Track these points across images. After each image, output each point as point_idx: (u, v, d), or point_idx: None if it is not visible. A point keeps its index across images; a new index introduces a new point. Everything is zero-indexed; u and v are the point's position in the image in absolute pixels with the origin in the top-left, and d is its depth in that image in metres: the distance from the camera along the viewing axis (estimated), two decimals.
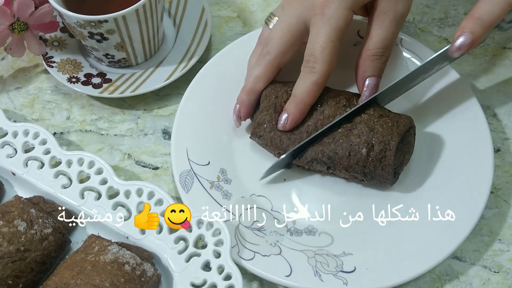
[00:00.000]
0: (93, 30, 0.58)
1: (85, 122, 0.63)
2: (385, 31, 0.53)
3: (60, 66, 0.64)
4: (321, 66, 0.52)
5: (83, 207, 0.54)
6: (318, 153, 0.53)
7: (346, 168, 0.53)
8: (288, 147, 0.55)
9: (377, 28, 0.53)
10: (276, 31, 0.55)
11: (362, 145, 0.52)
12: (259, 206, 0.55)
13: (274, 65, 0.55)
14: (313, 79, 0.52)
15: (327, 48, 0.51)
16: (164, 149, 0.61)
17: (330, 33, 0.51)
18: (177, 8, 0.69)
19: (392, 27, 0.53)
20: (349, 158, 0.52)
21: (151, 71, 0.65)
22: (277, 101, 0.55)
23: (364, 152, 0.52)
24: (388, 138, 0.52)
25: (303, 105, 0.54)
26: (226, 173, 0.57)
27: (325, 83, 0.53)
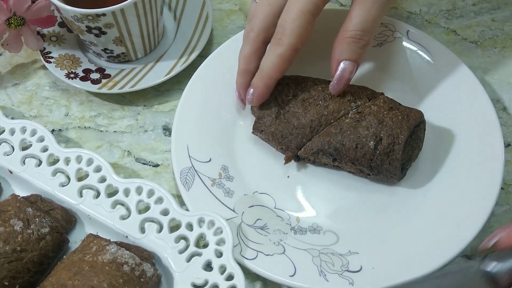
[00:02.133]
0: (91, 24, 0.57)
1: (84, 119, 0.62)
2: (366, 13, 0.48)
3: (58, 61, 0.63)
4: (288, 38, 0.49)
5: (82, 205, 0.53)
6: (325, 144, 0.52)
7: (353, 161, 0.51)
8: (291, 142, 0.53)
9: (357, 9, 0.48)
10: (258, 6, 0.52)
11: (370, 137, 0.50)
12: (262, 204, 0.54)
13: (259, 41, 0.52)
14: (279, 51, 0.50)
15: (297, 20, 0.48)
16: (164, 146, 0.60)
17: (302, 5, 0.48)
18: (177, 2, 0.68)
19: (373, 9, 0.48)
20: (356, 150, 0.51)
21: (151, 66, 0.63)
22: (278, 94, 0.54)
23: (371, 145, 0.50)
24: (397, 132, 0.50)
25: (269, 79, 0.51)
26: (228, 170, 0.56)
27: (292, 57, 0.50)
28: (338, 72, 0.50)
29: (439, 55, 0.60)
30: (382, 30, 0.62)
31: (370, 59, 0.62)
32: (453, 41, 0.66)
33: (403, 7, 0.69)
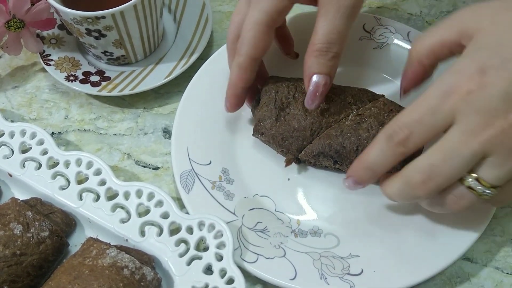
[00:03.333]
0: (90, 27, 0.56)
1: (83, 122, 0.62)
2: (330, 24, 0.47)
3: (58, 64, 0.63)
4: (244, 48, 0.50)
5: (81, 209, 0.53)
6: (325, 146, 0.51)
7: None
8: (291, 145, 0.53)
9: (321, 22, 0.47)
10: (232, 15, 0.54)
11: (371, 139, 0.50)
12: (262, 206, 0.54)
13: (233, 50, 0.53)
14: (238, 61, 0.51)
15: (251, 30, 0.49)
16: (164, 149, 0.60)
17: (256, 16, 0.49)
18: (177, 4, 0.68)
19: (337, 20, 0.47)
20: (356, 152, 0.50)
21: (150, 68, 0.63)
22: (278, 96, 0.53)
23: None
24: None
25: (235, 88, 0.53)
26: (228, 173, 0.56)
27: (252, 66, 0.51)
28: (311, 87, 0.49)
29: None
30: (382, 32, 0.62)
31: (370, 61, 0.62)
32: None
33: (403, 8, 0.69)
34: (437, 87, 0.40)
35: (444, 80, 0.40)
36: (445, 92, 0.39)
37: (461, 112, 0.39)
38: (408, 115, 0.42)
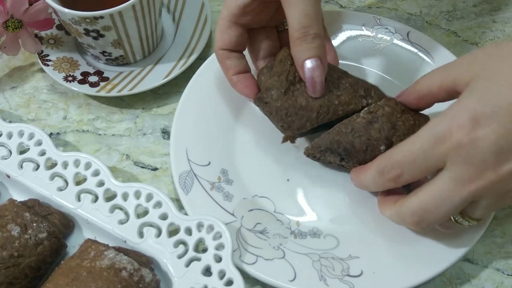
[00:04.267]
0: (88, 27, 0.56)
1: (82, 122, 0.61)
2: (296, 11, 0.47)
3: (56, 64, 0.62)
4: (216, 42, 0.54)
5: (80, 210, 0.52)
6: (334, 143, 0.50)
7: (360, 162, 0.50)
8: (293, 122, 0.50)
9: (288, 12, 0.48)
10: None
11: (381, 141, 0.48)
12: (261, 207, 0.53)
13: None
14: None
15: (218, 26, 0.53)
16: (163, 149, 0.59)
17: (222, 13, 0.53)
18: (176, 4, 0.67)
19: (301, 3, 0.47)
20: (365, 152, 0.49)
21: (149, 68, 0.63)
22: (292, 68, 0.50)
23: (382, 149, 0.49)
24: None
25: (228, 79, 0.54)
26: (227, 173, 0.55)
27: (223, 56, 0.54)
28: (305, 74, 0.48)
29: (439, 56, 0.60)
30: (382, 32, 0.62)
31: (370, 61, 0.61)
32: (454, 42, 0.65)
33: (403, 8, 0.68)
34: (430, 130, 0.42)
35: (438, 125, 0.41)
36: (438, 138, 0.41)
37: (452, 161, 0.41)
38: (401, 154, 0.44)
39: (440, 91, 0.46)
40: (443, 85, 0.45)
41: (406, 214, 0.45)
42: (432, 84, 0.46)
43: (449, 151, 0.41)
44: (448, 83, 0.45)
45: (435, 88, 0.46)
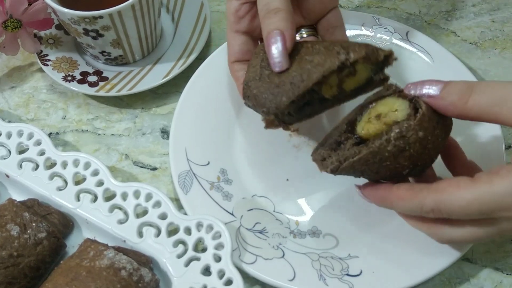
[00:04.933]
0: (88, 26, 0.56)
1: (81, 122, 0.61)
2: None
3: (56, 64, 0.62)
4: (227, 55, 0.54)
5: (79, 209, 0.52)
6: (358, 172, 0.45)
7: (377, 179, 0.47)
8: (271, 103, 0.46)
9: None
10: None
11: (407, 167, 0.43)
12: (261, 207, 0.54)
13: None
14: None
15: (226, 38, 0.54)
16: (162, 149, 0.59)
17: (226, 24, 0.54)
18: (175, 3, 0.67)
19: None
20: (387, 176, 0.45)
21: (148, 68, 0.63)
22: (264, 55, 0.47)
23: (405, 173, 0.44)
24: (431, 160, 0.45)
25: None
26: (226, 173, 0.55)
27: (232, 71, 0.54)
28: (266, 47, 0.46)
29: (438, 56, 0.60)
30: (381, 31, 0.62)
31: None
32: (453, 42, 0.65)
33: (402, 8, 0.68)
34: (495, 197, 0.39)
35: (504, 197, 0.39)
36: (501, 207, 0.40)
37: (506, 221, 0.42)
38: (457, 205, 0.40)
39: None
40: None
41: (442, 238, 0.44)
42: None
43: (506, 217, 0.40)
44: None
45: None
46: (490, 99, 0.40)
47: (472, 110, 0.40)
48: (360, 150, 0.42)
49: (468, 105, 0.40)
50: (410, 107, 0.42)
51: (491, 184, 0.39)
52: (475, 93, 0.40)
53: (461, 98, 0.41)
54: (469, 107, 0.40)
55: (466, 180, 0.40)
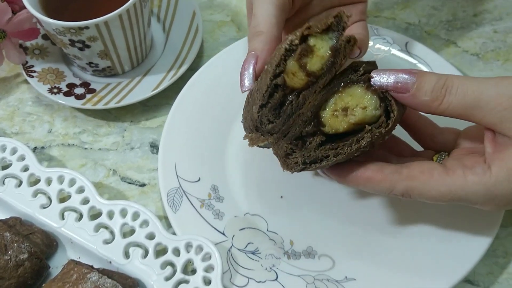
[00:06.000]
0: (73, 37, 0.54)
1: (67, 136, 0.59)
2: (253, 15, 0.47)
3: (41, 75, 0.60)
4: None
5: (63, 229, 0.51)
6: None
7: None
8: (249, 119, 0.43)
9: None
10: None
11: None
12: (253, 226, 0.51)
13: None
14: None
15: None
16: (151, 164, 0.57)
17: None
18: (166, 13, 0.65)
19: (254, 8, 0.46)
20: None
21: (138, 80, 0.60)
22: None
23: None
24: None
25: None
26: (218, 190, 0.53)
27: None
28: (241, 68, 0.45)
29: (439, 68, 0.58)
30: (379, 42, 0.60)
31: None
32: (454, 53, 0.63)
33: (401, 17, 0.66)
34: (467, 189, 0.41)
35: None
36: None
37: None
38: (428, 192, 0.42)
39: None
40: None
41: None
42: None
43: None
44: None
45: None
46: (464, 101, 0.40)
47: (446, 111, 0.40)
48: (327, 154, 0.41)
49: (441, 107, 0.40)
50: (381, 108, 0.40)
51: (465, 180, 0.40)
52: (449, 94, 0.40)
53: (435, 99, 0.40)
54: (443, 109, 0.40)
55: (440, 170, 0.41)
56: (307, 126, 0.41)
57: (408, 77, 0.40)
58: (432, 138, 0.48)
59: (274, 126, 0.42)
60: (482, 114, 0.40)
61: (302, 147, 0.41)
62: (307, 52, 0.41)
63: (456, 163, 0.42)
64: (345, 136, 0.41)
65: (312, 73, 0.41)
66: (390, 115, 0.40)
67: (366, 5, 0.52)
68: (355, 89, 0.41)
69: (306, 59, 0.41)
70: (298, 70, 0.41)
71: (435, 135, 0.48)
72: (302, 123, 0.41)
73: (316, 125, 0.41)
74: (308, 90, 0.41)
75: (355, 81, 0.41)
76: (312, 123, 0.41)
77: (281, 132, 0.41)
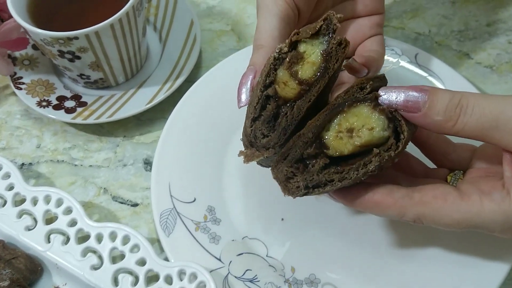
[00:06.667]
0: (62, 48, 0.51)
1: (57, 151, 0.56)
2: (256, 28, 0.45)
3: (30, 87, 0.57)
4: None
5: (49, 252, 0.48)
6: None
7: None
8: (244, 136, 0.41)
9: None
10: None
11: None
12: (252, 251, 0.48)
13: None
14: None
15: None
16: (145, 182, 0.54)
17: None
18: (163, 22, 0.62)
19: (258, 20, 0.45)
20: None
21: (132, 92, 0.57)
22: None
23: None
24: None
25: None
26: (214, 211, 0.50)
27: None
28: (239, 84, 0.43)
29: (450, 81, 0.55)
30: (387, 53, 0.57)
31: None
32: (466, 65, 0.60)
33: (410, 27, 0.64)
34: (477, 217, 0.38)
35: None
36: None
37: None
38: (440, 220, 0.39)
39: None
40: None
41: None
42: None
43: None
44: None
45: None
46: (481, 122, 0.37)
47: (460, 132, 0.37)
48: (332, 179, 0.37)
49: (456, 127, 0.37)
50: (389, 129, 0.37)
51: (482, 207, 0.37)
52: (464, 114, 0.37)
53: (449, 120, 0.37)
54: (457, 130, 0.37)
55: (454, 195, 0.38)
56: (308, 148, 0.37)
57: (419, 95, 0.37)
58: (446, 156, 0.45)
59: (269, 140, 0.39)
60: (501, 136, 0.37)
61: (304, 170, 0.38)
62: (297, 59, 0.39)
63: (471, 187, 0.39)
64: (351, 158, 0.38)
65: (304, 81, 0.38)
66: (400, 136, 0.37)
67: (383, 17, 0.49)
68: (361, 108, 0.37)
69: (297, 66, 0.39)
70: (289, 79, 0.38)
71: (449, 153, 0.45)
72: (303, 145, 0.37)
73: (318, 147, 0.38)
74: (302, 100, 0.38)
75: (361, 100, 0.37)
76: (313, 145, 0.37)
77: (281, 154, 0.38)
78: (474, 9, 0.64)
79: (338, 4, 0.49)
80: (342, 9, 0.49)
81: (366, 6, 0.48)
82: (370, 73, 0.44)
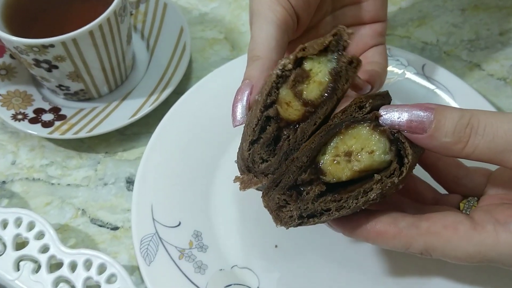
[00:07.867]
0: (38, 56, 0.47)
1: (33, 169, 0.52)
2: (250, 38, 0.42)
3: (6, 99, 0.53)
4: None
5: (18, 281, 0.44)
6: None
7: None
8: (239, 159, 0.38)
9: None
10: None
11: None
12: (242, 282, 0.44)
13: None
14: None
15: None
16: (126, 203, 0.50)
17: None
18: (151, 29, 0.59)
19: (252, 29, 0.41)
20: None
21: (115, 104, 0.54)
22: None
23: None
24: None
25: None
26: (201, 237, 0.46)
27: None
28: (234, 100, 0.39)
29: (460, 94, 0.52)
30: (392, 64, 0.53)
31: None
32: (477, 77, 0.57)
33: (417, 36, 0.60)
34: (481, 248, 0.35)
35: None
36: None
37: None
38: (448, 252, 0.36)
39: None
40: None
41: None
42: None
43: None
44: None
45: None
46: (494, 144, 0.34)
47: (471, 155, 0.34)
48: (328, 207, 0.34)
49: (466, 150, 0.34)
50: (392, 152, 0.33)
51: (497, 239, 0.34)
52: (475, 135, 0.34)
53: (458, 142, 0.34)
54: (467, 153, 0.34)
55: (466, 225, 0.35)
56: (302, 173, 0.33)
57: (424, 114, 0.33)
58: (457, 181, 0.41)
59: (269, 165, 0.35)
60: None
61: (298, 198, 0.34)
62: (303, 77, 0.35)
63: (486, 215, 0.35)
64: (349, 184, 0.34)
65: (310, 102, 0.35)
66: (404, 160, 0.33)
67: (385, 26, 0.46)
68: (359, 129, 0.33)
69: (302, 86, 0.35)
70: (293, 99, 0.35)
71: (461, 178, 0.41)
72: (297, 170, 0.33)
73: (313, 172, 0.33)
74: (307, 123, 0.35)
75: (360, 120, 0.33)
76: (308, 170, 0.33)
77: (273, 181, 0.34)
78: (485, 17, 0.61)
79: (338, 9, 0.45)
80: (343, 15, 0.45)
81: (368, 12, 0.45)
82: (374, 90, 0.40)
